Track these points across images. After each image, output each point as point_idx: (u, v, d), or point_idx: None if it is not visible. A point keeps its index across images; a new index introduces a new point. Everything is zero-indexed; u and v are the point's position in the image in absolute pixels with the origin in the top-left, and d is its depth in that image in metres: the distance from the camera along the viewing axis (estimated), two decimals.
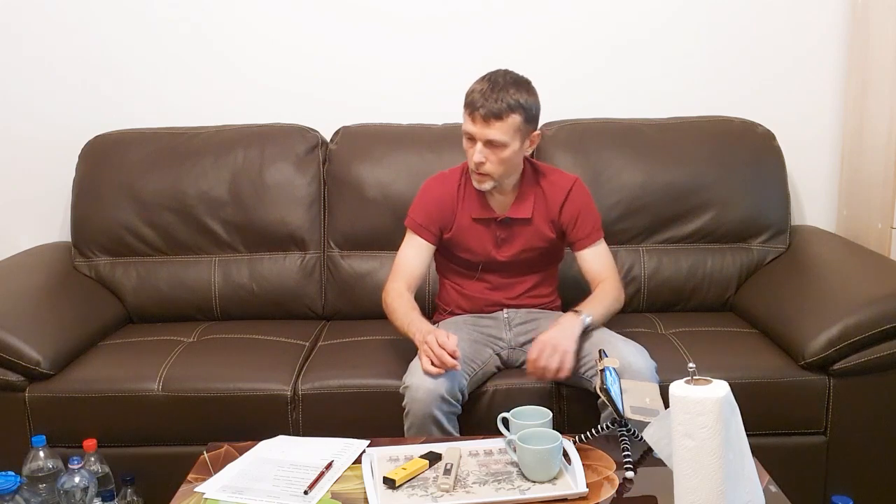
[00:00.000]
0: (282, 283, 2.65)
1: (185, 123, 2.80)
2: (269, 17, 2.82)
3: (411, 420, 1.98)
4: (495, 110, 2.05)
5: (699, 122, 2.73)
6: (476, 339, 2.20)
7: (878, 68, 2.61)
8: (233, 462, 1.81)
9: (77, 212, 2.70)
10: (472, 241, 2.24)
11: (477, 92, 2.08)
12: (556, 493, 1.63)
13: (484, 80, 2.11)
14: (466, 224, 2.23)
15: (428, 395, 1.94)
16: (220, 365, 2.27)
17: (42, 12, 2.81)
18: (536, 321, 2.23)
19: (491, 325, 2.26)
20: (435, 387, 1.95)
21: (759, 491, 1.50)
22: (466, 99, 2.11)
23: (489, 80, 2.10)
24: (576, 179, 2.27)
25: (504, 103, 2.06)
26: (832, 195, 2.90)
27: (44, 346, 2.22)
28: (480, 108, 2.06)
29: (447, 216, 2.23)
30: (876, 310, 2.13)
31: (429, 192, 2.27)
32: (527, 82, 2.14)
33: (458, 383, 2.00)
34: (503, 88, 2.07)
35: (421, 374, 1.98)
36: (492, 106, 2.05)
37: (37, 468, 2.02)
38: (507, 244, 2.24)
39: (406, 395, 1.99)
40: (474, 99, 2.08)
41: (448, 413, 1.99)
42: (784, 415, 2.17)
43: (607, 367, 1.79)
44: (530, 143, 2.17)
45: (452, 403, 1.99)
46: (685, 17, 2.81)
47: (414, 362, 2.04)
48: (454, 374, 1.99)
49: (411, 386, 1.98)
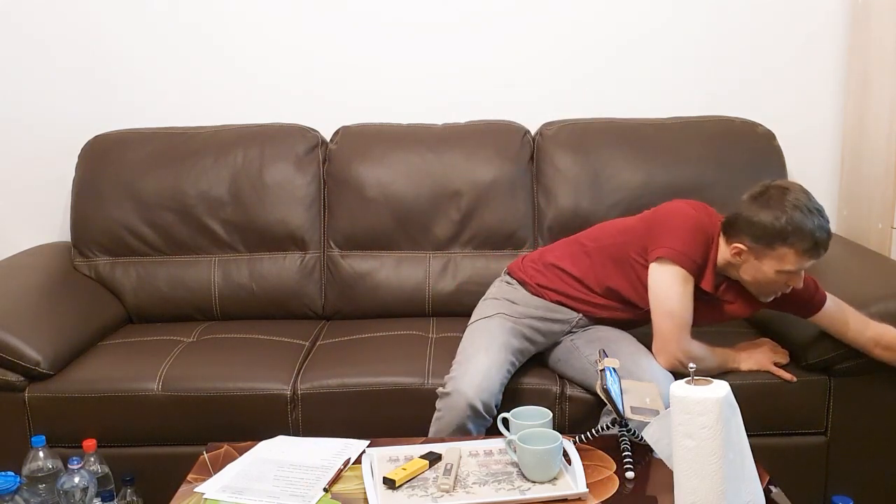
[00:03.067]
0: (282, 283, 2.65)
1: (185, 123, 2.80)
2: (270, 17, 2.82)
3: (441, 425, 1.97)
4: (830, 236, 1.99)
5: (699, 122, 2.73)
6: (530, 336, 2.14)
7: (878, 68, 2.61)
8: (233, 462, 1.81)
9: (77, 212, 2.70)
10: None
11: (819, 232, 1.94)
12: (556, 494, 1.63)
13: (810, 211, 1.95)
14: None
15: (466, 406, 1.94)
16: (220, 365, 2.27)
17: (42, 12, 2.81)
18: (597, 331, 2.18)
19: (553, 326, 2.19)
20: (473, 398, 1.94)
21: (760, 491, 1.50)
22: (803, 241, 1.93)
23: (817, 212, 1.96)
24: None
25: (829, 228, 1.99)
26: (832, 195, 2.89)
27: (44, 346, 2.22)
28: (827, 246, 1.97)
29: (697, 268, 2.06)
30: (876, 310, 2.12)
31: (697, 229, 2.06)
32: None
33: (496, 398, 1.99)
34: (823, 213, 1.98)
35: (464, 382, 1.96)
36: (830, 235, 1.98)
37: (36, 468, 2.02)
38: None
39: (443, 400, 1.98)
40: (822, 241, 1.95)
41: (480, 425, 1.98)
42: (784, 415, 2.17)
43: (607, 367, 1.79)
44: None
45: (486, 418, 1.98)
46: (685, 16, 2.81)
47: (463, 367, 2.00)
48: (495, 388, 1.98)
49: (453, 393, 1.96)
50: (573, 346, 2.17)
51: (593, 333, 2.17)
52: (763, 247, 1.97)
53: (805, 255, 1.95)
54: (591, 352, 2.11)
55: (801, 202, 1.95)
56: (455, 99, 2.84)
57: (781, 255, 1.95)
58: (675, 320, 2.01)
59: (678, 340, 2.01)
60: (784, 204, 1.95)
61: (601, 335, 2.15)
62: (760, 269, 2.00)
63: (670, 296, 2.02)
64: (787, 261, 1.95)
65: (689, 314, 2.03)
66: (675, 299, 2.02)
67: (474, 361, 2.02)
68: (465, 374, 1.99)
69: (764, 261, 1.98)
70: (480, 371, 1.99)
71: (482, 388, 1.96)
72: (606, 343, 2.09)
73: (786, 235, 1.93)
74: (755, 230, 1.97)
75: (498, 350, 2.05)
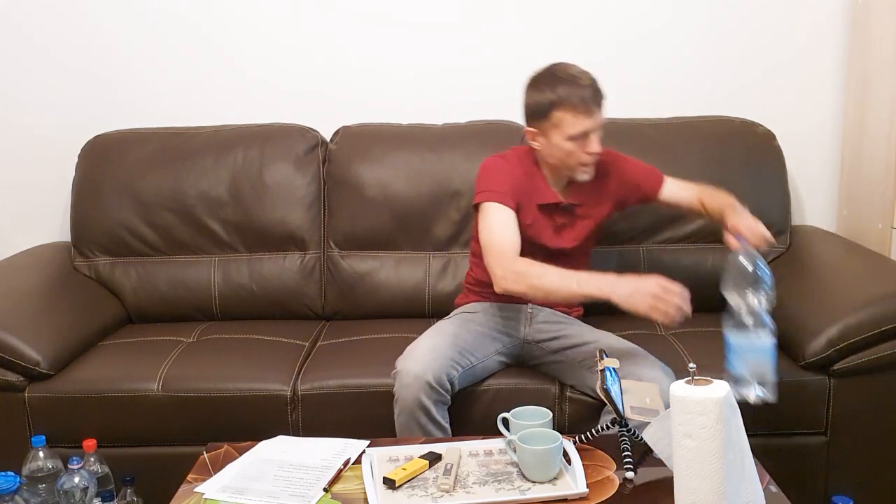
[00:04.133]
0: (282, 283, 2.65)
1: (185, 123, 2.80)
2: (270, 17, 2.82)
3: (400, 407, 2.00)
4: (600, 91, 2.09)
5: (699, 122, 2.73)
6: (484, 331, 2.19)
7: (878, 68, 2.61)
8: (233, 462, 1.81)
9: (77, 212, 2.70)
10: (532, 226, 2.17)
11: (577, 89, 2.05)
12: (556, 494, 1.63)
13: (559, 79, 2.08)
14: (532, 210, 2.17)
15: (415, 381, 1.97)
16: (220, 365, 2.27)
17: (42, 12, 2.81)
18: (560, 324, 2.22)
19: (510, 318, 2.23)
20: (423, 373, 1.97)
21: (760, 491, 1.50)
22: (566, 103, 2.05)
23: (568, 76, 2.08)
24: (608, 152, 2.24)
25: (596, 82, 2.10)
26: (832, 195, 2.89)
27: (44, 346, 2.22)
28: (593, 97, 2.06)
29: (521, 193, 2.15)
30: (876, 310, 2.12)
31: (498, 165, 2.18)
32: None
33: (447, 372, 2.02)
34: (582, 74, 2.09)
35: (412, 359, 2.02)
36: (596, 89, 2.08)
37: (36, 468, 2.02)
38: (566, 230, 2.23)
39: (396, 380, 2.02)
40: (584, 96, 2.05)
41: (437, 402, 2.00)
42: (784, 415, 2.16)
43: (607, 367, 1.79)
44: None
45: (441, 392, 2.00)
46: (685, 16, 2.81)
47: (408, 347, 2.07)
48: (444, 363, 2.02)
49: (401, 371, 2.01)
50: (568, 362, 2.17)
51: (581, 339, 2.18)
52: (543, 121, 2.09)
53: (579, 111, 2.05)
54: (582, 358, 2.13)
55: (556, 69, 2.11)
56: (455, 99, 2.84)
57: (559, 120, 2.07)
58: (492, 248, 2.07)
59: (499, 264, 2.04)
60: (542, 76, 2.11)
61: (590, 342, 2.16)
62: (554, 144, 2.11)
63: (483, 232, 2.12)
64: (567, 123, 2.06)
65: (506, 237, 2.07)
66: (486, 231, 2.10)
67: (420, 344, 2.09)
68: (410, 353, 2.05)
69: (551, 134, 2.10)
70: (425, 349, 2.05)
71: (428, 363, 2.00)
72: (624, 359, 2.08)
73: (552, 101, 2.06)
74: (531, 110, 2.13)
75: (444, 336, 2.12)
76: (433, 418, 2.00)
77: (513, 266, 2.03)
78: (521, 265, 2.04)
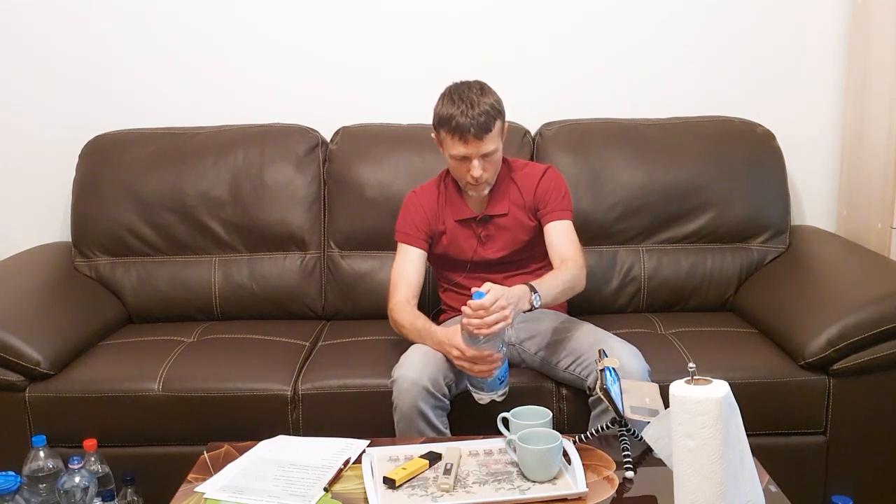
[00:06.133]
0: (282, 283, 2.65)
1: (185, 123, 2.80)
2: (270, 17, 2.82)
3: (399, 414, 2.00)
4: (484, 125, 2.08)
5: (699, 122, 2.73)
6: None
7: (878, 68, 2.61)
8: (233, 462, 1.81)
9: (77, 212, 2.70)
10: (457, 241, 2.27)
11: (458, 115, 2.07)
12: (556, 493, 1.63)
13: (452, 100, 2.11)
14: (451, 227, 2.27)
15: (413, 386, 1.97)
16: (220, 365, 2.27)
17: (42, 12, 2.81)
18: (537, 319, 2.23)
19: None
20: (419, 378, 1.98)
21: (759, 491, 1.50)
22: (447, 125, 2.10)
23: (459, 99, 2.10)
24: (548, 167, 2.31)
25: (487, 116, 2.08)
26: (832, 195, 2.89)
27: (44, 346, 2.22)
28: (470, 128, 2.07)
29: (433, 222, 2.28)
30: (876, 310, 2.13)
31: (411, 203, 2.31)
32: (483, 84, 2.16)
33: (444, 376, 2.02)
34: (476, 102, 2.09)
35: (407, 366, 2.01)
36: (479, 121, 2.07)
37: (37, 468, 2.02)
38: (490, 241, 2.27)
39: (393, 388, 2.02)
40: (460, 123, 2.07)
41: (435, 407, 2.00)
42: (784, 415, 2.17)
43: (607, 367, 1.79)
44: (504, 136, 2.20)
45: (438, 398, 2.00)
46: (685, 17, 2.81)
47: (403, 355, 2.07)
48: (440, 367, 2.02)
49: (398, 379, 2.01)
50: (548, 360, 2.18)
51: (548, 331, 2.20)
52: (436, 133, 2.17)
53: (454, 137, 2.10)
54: (557, 360, 2.15)
55: (459, 88, 2.13)
56: None
57: (443, 139, 2.15)
58: (390, 286, 2.25)
59: (389, 304, 2.22)
60: (447, 91, 2.15)
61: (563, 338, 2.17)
62: (445, 157, 2.18)
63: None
64: (448, 145, 2.13)
65: (399, 280, 2.23)
66: (392, 269, 2.28)
67: (412, 352, 2.09)
68: (405, 360, 2.05)
69: (443, 148, 2.18)
70: (418, 356, 2.05)
71: (424, 368, 2.00)
72: (593, 340, 2.11)
73: (438, 121, 2.14)
74: (433, 119, 2.17)
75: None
76: (432, 424, 2.00)
77: (391, 313, 2.21)
78: (396, 314, 2.19)
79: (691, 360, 1.61)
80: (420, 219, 2.27)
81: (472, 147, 2.10)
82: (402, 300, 2.20)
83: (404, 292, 2.21)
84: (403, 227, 2.29)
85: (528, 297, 2.01)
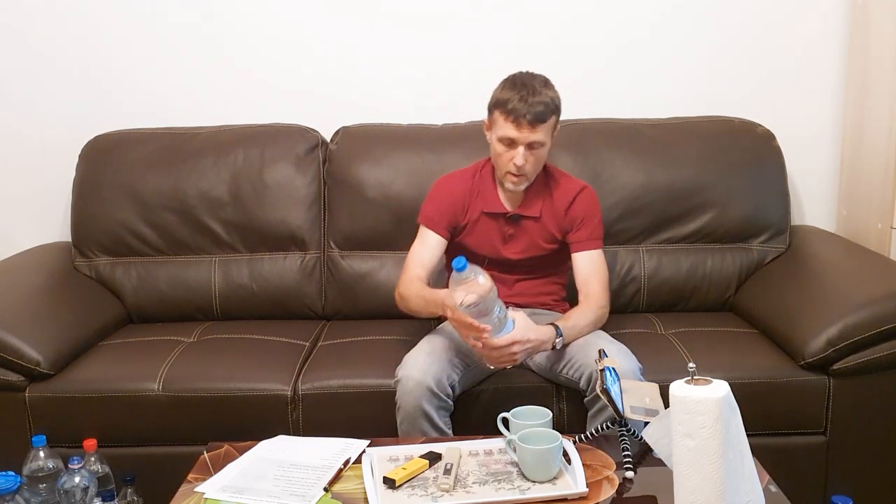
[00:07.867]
0: (282, 283, 2.65)
1: (185, 123, 2.80)
2: (270, 17, 2.82)
3: (402, 414, 2.00)
4: (540, 114, 2.09)
5: (699, 122, 2.73)
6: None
7: (878, 68, 2.61)
8: (233, 462, 1.81)
9: (77, 212, 2.70)
10: (481, 234, 2.27)
11: (516, 99, 2.09)
12: (556, 493, 1.63)
13: (514, 84, 2.13)
14: (476, 218, 2.27)
15: (417, 387, 1.97)
16: (220, 365, 2.27)
17: (42, 12, 2.81)
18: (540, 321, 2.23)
19: None
20: (423, 379, 1.98)
21: (759, 491, 1.50)
22: (504, 106, 2.12)
23: (522, 84, 2.12)
24: (585, 186, 2.30)
25: (545, 106, 2.10)
26: (832, 195, 2.89)
27: (44, 346, 2.22)
28: (526, 114, 2.08)
29: (459, 212, 2.27)
30: (876, 310, 2.13)
31: (442, 188, 2.31)
32: (548, 79, 2.18)
33: (448, 377, 2.03)
34: (539, 92, 2.11)
35: (411, 366, 2.02)
36: (536, 110, 2.09)
37: (37, 468, 2.02)
38: (513, 241, 2.27)
39: (397, 388, 2.02)
40: (516, 106, 2.09)
41: (438, 408, 2.00)
42: (784, 415, 2.17)
43: (607, 367, 1.79)
44: (554, 135, 2.21)
45: (442, 398, 2.00)
46: (685, 16, 2.81)
47: (407, 355, 2.07)
48: (444, 368, 2.02)
49: (402, 379, 2.01)
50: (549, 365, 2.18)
51: None
52: (490, 115, 2.19)
53: (508, 119, 2.11)
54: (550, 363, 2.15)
55: (523, 76, 2.16)
56: (455, 99, 2.84)
57: (495, 121, 2.16)
58: (404, 266, 2.27)
59: (398, 282, 2.25)
60: (510, 77, 2.18)
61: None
62: (492, 140, 2.19)
63: None
64: (498, 124, 2.14)
65: (413, 261, 2.24)
66: (410, 249, 2.29)
67: (416, 352, 2.09)
68: (409, 360, 2.05)
69: (491, 131, 2.19)
70: (422, 356, 2.05)
71: (427, 368, 2.01)
72: (583, 341, 2.12)
73: (494, 103, 2.16)
74: (489, 102, 2.20)
75: (440, 341, 2.13)
76: (435, 425, 2.00)
77: (398, 289, 2.24)
78: (402, 288, 2.21)
79: (691, 361, 1.61)
80: (446, 206, 2.27)
81: (523, 132, 2.10)
82: (413, 276, 2.21)
83: (416, 271, 2.22)
84: (429, 210, 2.29)
85: (552, 342, 2.07)
